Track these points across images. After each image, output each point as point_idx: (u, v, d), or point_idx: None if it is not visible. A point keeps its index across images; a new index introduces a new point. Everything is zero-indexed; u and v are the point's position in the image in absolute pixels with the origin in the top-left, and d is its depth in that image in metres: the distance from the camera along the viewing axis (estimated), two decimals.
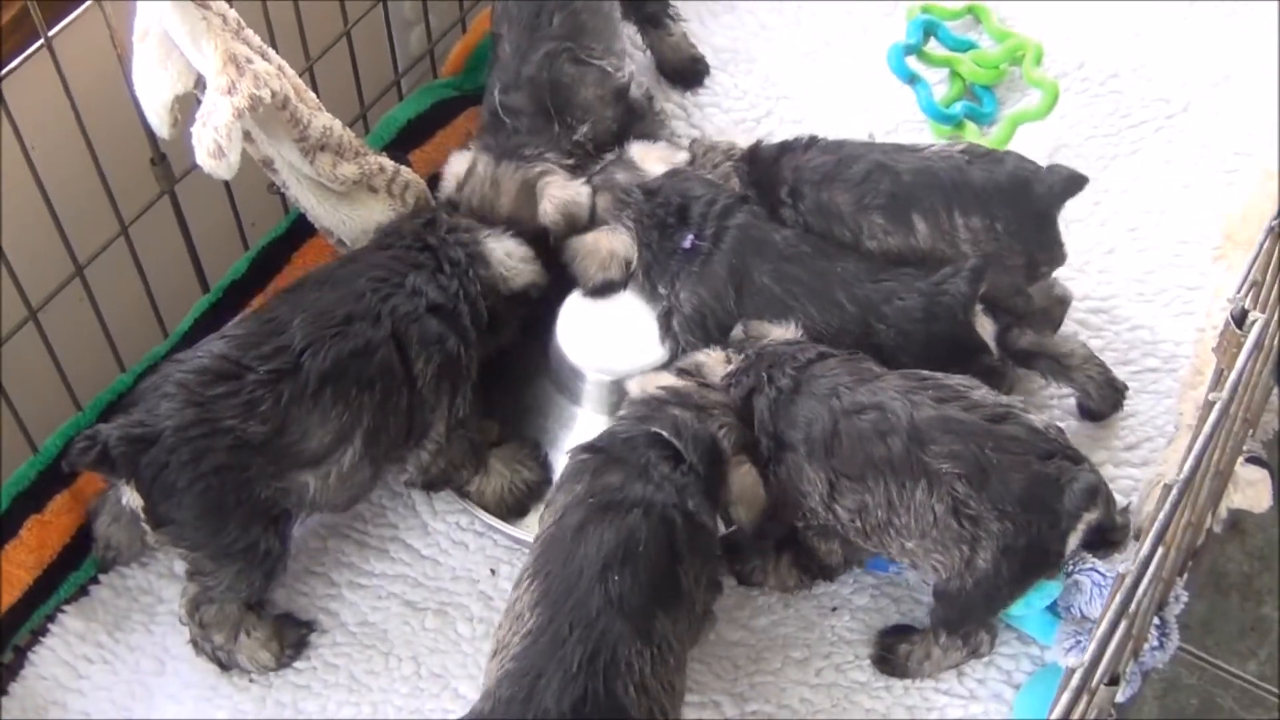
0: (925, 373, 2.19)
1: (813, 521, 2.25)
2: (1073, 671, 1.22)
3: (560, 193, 2.55)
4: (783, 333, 2.33)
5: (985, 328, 2.33)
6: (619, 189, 2.55)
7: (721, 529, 2.26)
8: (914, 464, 2.09)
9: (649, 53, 3.06)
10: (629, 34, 2.97)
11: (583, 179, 2.60)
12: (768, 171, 2.54)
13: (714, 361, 2.31)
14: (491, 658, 2.04)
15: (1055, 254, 2.45)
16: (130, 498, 2.21)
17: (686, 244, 2.46)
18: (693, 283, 2.44)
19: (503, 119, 2.64)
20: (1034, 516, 2.06)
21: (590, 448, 2.18)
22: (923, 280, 2.33)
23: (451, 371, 2.36)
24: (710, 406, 2.23)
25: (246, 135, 2.33)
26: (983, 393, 2.16)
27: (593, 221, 2.58)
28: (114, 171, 2.39)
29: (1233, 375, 1.38)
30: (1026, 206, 2.39)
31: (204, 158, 2.23)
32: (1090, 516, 2.07)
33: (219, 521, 2.21)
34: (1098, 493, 2.06)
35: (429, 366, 2.32)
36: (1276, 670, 3.12)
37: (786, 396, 2.21)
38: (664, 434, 2.15)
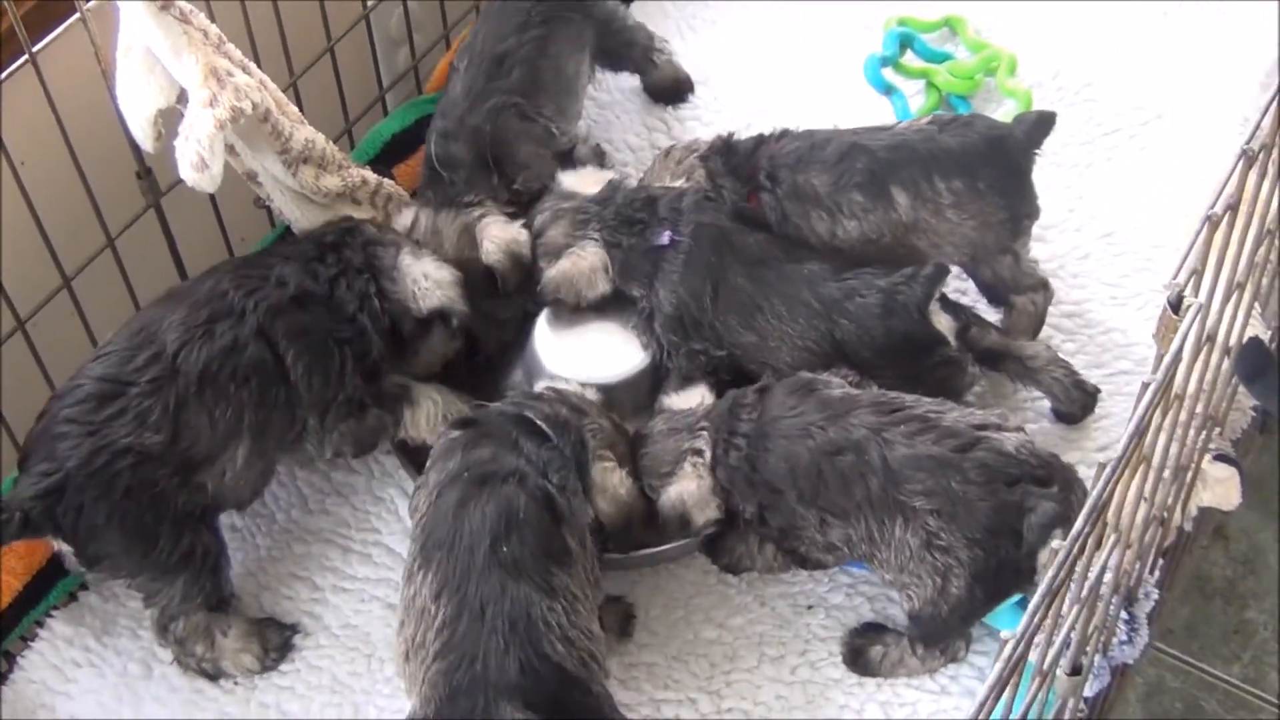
0: (895, 400, 2.21)
1: (814, 548, 2.29)
2: (1005, 642, 1.25)
3: (501, 233, 2.57)
4: (685, 401, 2.38)
5: (943, 324, 2.36)
6: (573, 212, 2.57)
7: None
8: (891, 503, 2.13)
9: (635, 77, 3.09)
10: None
11: (521, 221, 2.60)
12: (746, 161, 2.57)
13: (703, 485, 2.30)
14: (405, 660, 2.07)
15: (1034, 206, 2.52)
16: (60, 545, 2.25)
17: (664, 240, 2.48)
18: (673, 282, 2.47)
19: (440, 173, 2.66)
20: (1002, 542, 2.09)
21: (461, 423, 2.24)
22: (883, 279, 2.36)
23: (323, 366, 2.34)
24: (586, 409, 2.30)
25: (230, 149, 2.37)
26: (954, 416, 2.17)
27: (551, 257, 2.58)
28: (100, 185, 2.43)
29: (1167, 358, 1.41)
30: (1004, 162, 2.45)
31: (187, 171, 2.26)
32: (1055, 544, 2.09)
33: (148, 542, 2.23)
34: (1058, 522, 2.07)
35: (299, 361, 2.31)
36: (1260, 673, 3.14)
37: (757, 443, 2.24)
38: (535, 419, 2.21)
